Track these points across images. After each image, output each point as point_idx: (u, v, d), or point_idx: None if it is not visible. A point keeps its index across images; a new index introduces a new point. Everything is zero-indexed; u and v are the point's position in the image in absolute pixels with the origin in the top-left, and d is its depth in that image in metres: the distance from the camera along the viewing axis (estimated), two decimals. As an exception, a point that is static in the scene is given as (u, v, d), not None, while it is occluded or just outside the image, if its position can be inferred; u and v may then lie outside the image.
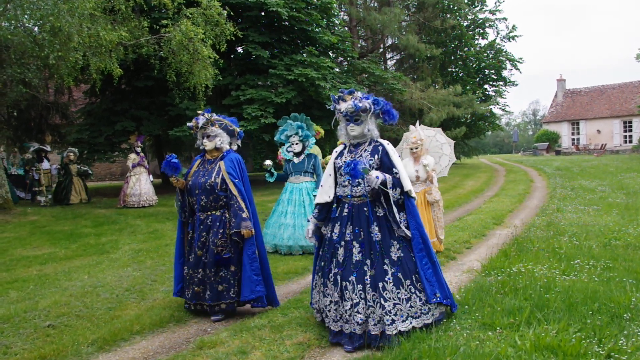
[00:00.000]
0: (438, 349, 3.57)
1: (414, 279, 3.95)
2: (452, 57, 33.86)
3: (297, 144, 7.66)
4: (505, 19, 36.25)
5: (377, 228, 3.99)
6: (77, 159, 15.59)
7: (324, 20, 19.45)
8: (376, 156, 4.08)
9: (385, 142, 4.14)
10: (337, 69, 21.42)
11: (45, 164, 15.56)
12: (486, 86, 35.77)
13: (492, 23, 34.05)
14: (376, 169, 4.02)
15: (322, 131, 9.81)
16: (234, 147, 5.14)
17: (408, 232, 4.00)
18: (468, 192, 16.42)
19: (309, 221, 4.43)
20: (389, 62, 34.69)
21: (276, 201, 8.05)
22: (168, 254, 7.77)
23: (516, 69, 34.77)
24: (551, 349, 3.58)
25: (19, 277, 6.69)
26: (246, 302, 4.71)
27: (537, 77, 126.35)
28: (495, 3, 39.82)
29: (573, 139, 42.99)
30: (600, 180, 16.42)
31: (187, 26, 12.14)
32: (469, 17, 33.64)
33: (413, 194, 4.06)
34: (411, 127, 7.40)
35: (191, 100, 15.50)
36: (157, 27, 13.43)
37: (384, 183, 3.90)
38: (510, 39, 34.45)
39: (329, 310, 4.04)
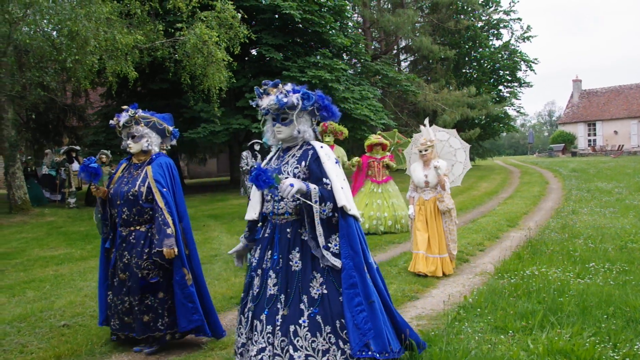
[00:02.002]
0: (449, 352, 3.56)
1: (337, 325, 3.03)
2: (466, 58, 33.68)
3: None
4: (519, 19, 36.09)
5: (298, 255, 3.14)
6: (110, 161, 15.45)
7: (337, 22, 19.48)
8: (303, 163, 3.21)
9: (318, 145, 3.28)
10: (350, 71, 21.44)
11: (76, 165, 15.51)
12: (501, 87, 35.53)
13: (507, 23, 33.81)
14: (304, 179, 3.15)
15: (346, 131, 9.62)
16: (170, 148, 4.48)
17: (337, 262, 3.06)
18: (482, 194, 16.31)
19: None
20: (403, 64, 34.62)
21: None
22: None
23: (531, 70, 34.49)
24: (564, 353, 3.55)
25: (36, 277, 6.80)
26: (186, 332, 4.11)
27: (553, 78, 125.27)
28: (510, 3, 39.58)
29: (589, 140, 42.51)
30: (617, 182, 16.20)
31: (202, 29, 12.25)
32: (483, 18, 33.44)
33: (353, 212, 3.14)
34: (421, 127, 6.64)
35: (205, 103, 15.62)
36: (172, 30, 13.57)
37: (305, 194, 3.02)
38: (525, 40, 34.16)
39: (240, 354, 3.28)
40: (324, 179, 3.13)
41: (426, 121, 6.63)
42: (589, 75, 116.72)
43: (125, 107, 4.14)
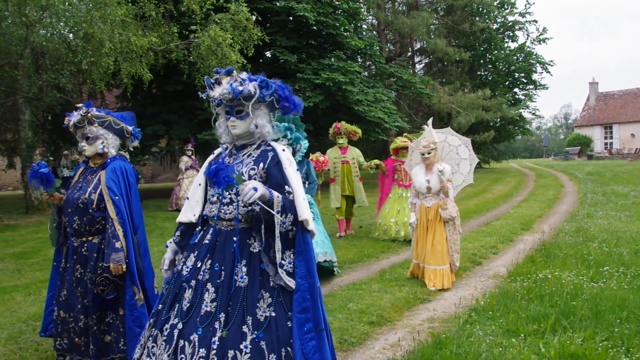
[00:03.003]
0: (460, 354, 3.55)
1: (283, 353, 2.62)
2: (481, 61, 33.50)
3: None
4: (535, 21, 35.63)
5: (245, 269, 2.70)
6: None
7: (352, 25, 19.49)
8: (261, 165, 2.80)
9: (279, 147, 2.88)
10: (364, 74, 21.42)
11: None
12: (516, 90, 35.24)
13: (522, 25, 33.56)
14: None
15: (360, 131, 9.56)
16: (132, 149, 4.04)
17: (291, 282, 2.68)
18: (496, 196, 16.20)
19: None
20: (418, 66, 34.52)
21: None
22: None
23: (547, 72, 34.18)
24: (576, 358, 3.53)
25: (51, 276, 6.88)
26: None
27: (569, 81, 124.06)
28: (525, 5, 39.15)
29: (606, 143, 42.03)
30: (634, 186, 16.00)
31: (216, 31, 12.33)
32: (499, 20, 33.23)
33: (311, 227, 2.77)
34: (424, 127, 6.14)
35: (219, 104, 15.70)
36: (187, 32, 13.67)
37: (267, 201, 2.61)
38: (541, 42, 33.88)
39: None
40: (286, 187, 2.73)
41: (429, 121, 6.17)
42: (605, 77, 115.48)
43: (79, 105, 3.76)
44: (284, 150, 2.89)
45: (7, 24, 10.21)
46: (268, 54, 19.02)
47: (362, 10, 21.07)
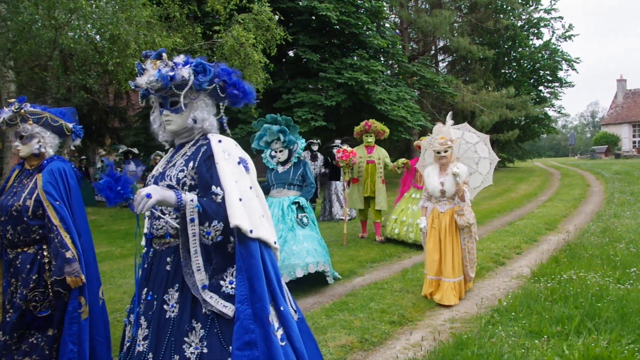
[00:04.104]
0: (481, 355, 3.54)
1: None
2: (506, 58, 33.05)
3: (280, 151, 6.06)
4: (561, 17, 35.24)
5: (176, 295, 2.23)
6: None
7: (374, 24, 19.45)
8: (191, 164, 2.31)
9: (215, 139, 2.35)
10: (387, 72, 21.35)
11: (132, 166, 15.76)
12: (541, 87, 34.70)
13: (548, 22, 32.97)
14: (191, 188, 2.29)
15: (387, 130, 9.16)
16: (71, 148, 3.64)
17: (226, 307, 2.15)
18: (521, 196, 16.01)
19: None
20: (441, 64, 34.23)
21: None
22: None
23: (573, 70, 33.52)
24: (601, 360, 3.48)
25: (79, 273, 7.04)
26: None
27: (596, 78, 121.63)
28: (551, 2, 38.53)
29: (634, 142, 41.06)
30: (663, 186, 15.65)
31: (239, 32, 12.44)
32: (523, 17, 32.72)
33: (258, 234, 2.21)
34: (438, 124, 5.45)
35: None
36: (210, 33, 13.82)
37: (178, 208, 2.16)
38: (567, 39, 33.27)
39: None
40: (214, 187, 2.21)
41: (448, 117, 5.48)
42: (634, 74, 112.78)
43: (11, 100, 3.37)
44: (220, 141, 2.34)
45: (37, 27, 10.45)
46: (291, 53, 19.11)
47: (385, 8, 20.99)
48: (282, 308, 2.27)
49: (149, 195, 2.05)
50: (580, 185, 18.61)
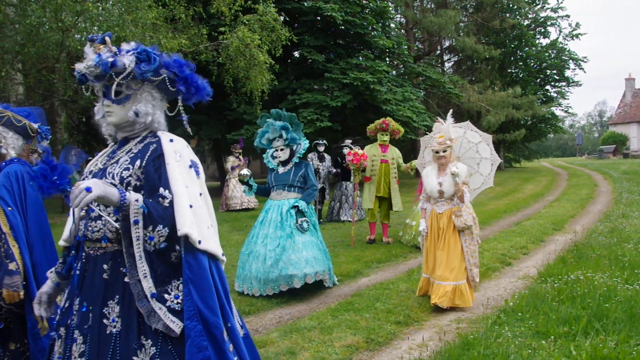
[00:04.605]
0: (487, 356, 3.52)
1: None
2: (512, 58, 32.93)
3: (282, 149, 5.74)
4: (567, 16, 35.07)
5: (117, 308, 1.98)
6: None
7: (379, 24, 19.46)
8: (138, 163, 2.08)
9: (166, 138, 2.16)
10: (393, 72, 21.35)
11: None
12: (548, 87, 34.58)
13: (554, 21, 32.83)
14: (137, 188, 2.05)
15: (402, 130, 8.92)
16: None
17: (174, 324, 1.94)
18: (527, 196, 15.94)
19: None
20: (447, 64, 34.17)
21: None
22: (228, 255, 7.97)
23: (580, 69, 33.37)
24: (608, 360, 3.46)
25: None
26: None
27: (604, 77, 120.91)
28: (558, 0, 38.35)
29: (643, 141, 40.80)
30: (672, 185, 15.54)
31: (244, 33, 12.48)
32: (530, 16, 32.61)
33: (207, 246, 2.00)
34: (437, 122, 5.24)
35: (248, 105, 15.90)
36: (215, 34, 13.87)
37: (120, 207, 1.93)
38: (574, 37, 33.12)
39: None
40: (162, 190, 2.00)
41: (448, 114, 5.29)
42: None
43: None
44: (172, 140, 2.15)
45: (45, 30, 10.53)
46: (296, 54, 19.14)
47: (390, 9, 21.00)
48: (229, 324, 2.07)
49: (88, 189, 1.81)
50: (587, 185, 18.50)
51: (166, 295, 1.96)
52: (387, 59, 21.40)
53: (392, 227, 9.53)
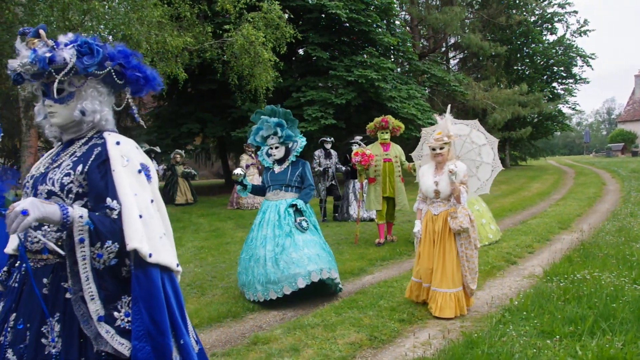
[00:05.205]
0: (492, 355, 3.49)
1: None
2: (518, 55, 32.70)
3: (276, 147, 5.49)
4: (575, 12, 34.68)
5: (58, 327, 1.82)
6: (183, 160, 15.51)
7: (384, 21, 19.39)
8: (80, 167, 1.91)
9: (112, 139, 1.98)
10: (398, 70, 21.29)
11: (155, 165, 15.44)
12: (554, 84, 34.30)
13: (562, 17, 32.56)
14: (78, 196, 1.90)
15: (402, 126, 8.77)
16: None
17: (122, 345, 1.79)
18: (533, 194, 15.84)
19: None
20: (452, 62, 34.04)
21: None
22: (228, 252, 7.99)
23: (588, 66, 33.04)
24: (615, 361, 3.41)
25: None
26: None
27: (613, 75, 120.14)
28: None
29: (652, 139, 40.53)
30: (680, 183, 15.40)
31: (249, 30, 12.46)
32: (537, 12, 32.31)
33: (158, 259, 1.86)
34: (437, 118, 5.05)
35: (253, 102, 15.88)
36: (220, 32, 13.86)
37: (64, 225, 1.76)
38: (582, 34, 32.80)
39: None
40: (109, 200, 1.84)
41: (447, 109, 5.07)
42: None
43: None
44: (118, 142, 1.96)
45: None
46: (301, 51, 19.13)
47: (395, 5, 20.89)
48: (181, 341, 1.92)
49: (24, 213, 1.64)
50: (595, 183, 18.36)
51: (116, 313, 1.82)
52: (392, 57, 21.34)
53: (397, 225, 9.52)
